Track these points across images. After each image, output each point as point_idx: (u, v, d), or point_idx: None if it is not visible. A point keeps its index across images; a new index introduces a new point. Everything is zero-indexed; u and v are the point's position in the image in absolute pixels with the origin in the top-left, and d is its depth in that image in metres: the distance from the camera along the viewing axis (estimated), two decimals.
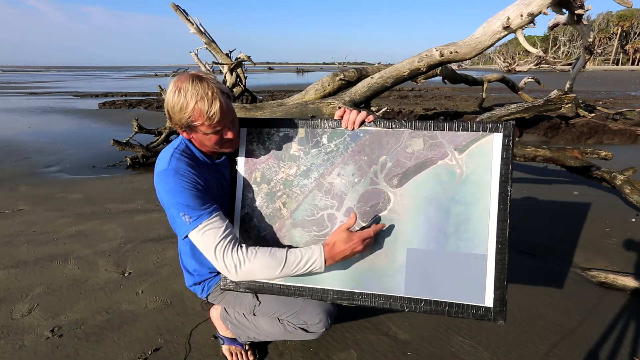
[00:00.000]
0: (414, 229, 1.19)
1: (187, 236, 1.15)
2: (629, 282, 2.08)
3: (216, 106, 1.10)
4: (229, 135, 1.18)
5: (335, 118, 1.28)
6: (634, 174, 2.94)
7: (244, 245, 1.15)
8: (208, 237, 1.13)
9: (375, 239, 1.20)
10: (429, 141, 1.20)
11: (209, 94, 1.09)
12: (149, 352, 1.65)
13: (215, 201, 1.20)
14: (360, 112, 1.25)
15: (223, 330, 1.62)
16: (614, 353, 1.64)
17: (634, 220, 3.03)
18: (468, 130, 1.18)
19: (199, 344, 1.71)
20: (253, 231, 1.30)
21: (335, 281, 1.24)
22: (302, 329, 1.38)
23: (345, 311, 1.81)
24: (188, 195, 1.14)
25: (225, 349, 1.62)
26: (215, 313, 1.66)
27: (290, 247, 1.22)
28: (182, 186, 1.15)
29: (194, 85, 1.09)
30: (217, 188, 1.29)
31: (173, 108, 1.12)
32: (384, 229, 1.21)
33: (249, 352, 1.61)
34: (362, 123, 1.25)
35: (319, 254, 1.15)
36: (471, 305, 1.16)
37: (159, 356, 1.64)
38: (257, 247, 1.16)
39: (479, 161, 1.16)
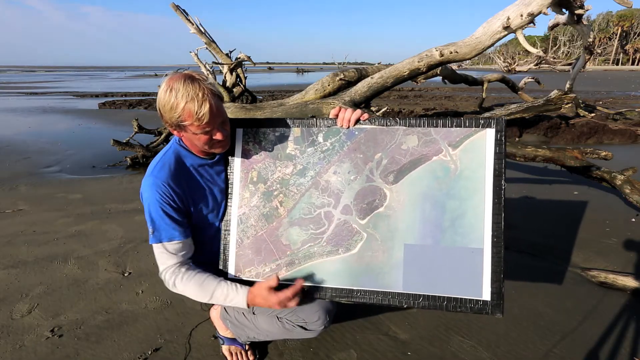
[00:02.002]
0: (411, 225, 1.20)
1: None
2: (629, 282, 2.08)
3: (206, 107, 1.10)
4: (219, 136, 1.19)
5: (330, 117, 1.28)
6: (634, 174, 2.94)
7: (182, 272, 1.24)
8: (160, 257, 1.26)
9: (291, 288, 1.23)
10: (423, 137, 1.21)
11: (200, 95, 1.10)
12: (149, 352, 1.65)
13: (189, 219, 1.29)
14: (355, 110, 1.26)
15: (223, 330, 1.62)
16: (614, 353, 1.64)
17: (634, 220, 3.02)
18: (461, 127, 1.19)
19: (199, 344, 1.71)
20: (250, 231, 1.31)
21: (334, 279, 1.24)
22: (301, 327, 1.38)
23: (345, 311, 1.81)
24: (159, 210, 1.21)
25: (225, 349, 1.63)
26: (215, 313, 1.66)
27: (225, 278, 1.29)
28: (156, 198, 1.21)
29: (186, 85, 1.10)
30: (206, 193, 1.30)
31: (164, 107, 1.13)
32: (381, 226, 1.21)
33: (249, 352, 1.61)
34: (357, 121, 1.25)
35: (242, 300, 1.23)
36: (469, 299, 1.17)
37: (159, 356, 1.64)
38: (195, 274, 1.25)
39: (472, 156, 1.17)
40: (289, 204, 1.29)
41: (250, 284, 1.27)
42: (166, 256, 1.24)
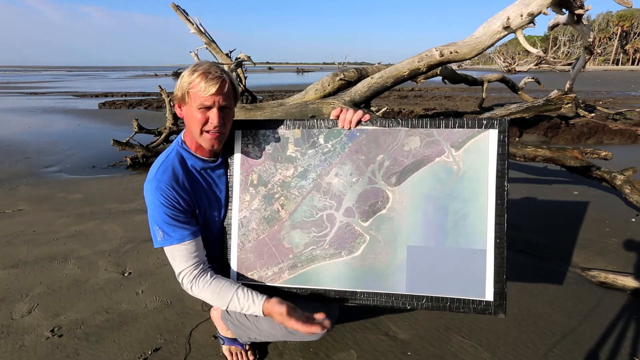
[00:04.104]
0: (414, 227, 1.20)
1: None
2: (629, 282, 2.08)
3: (217, 82, 1.14)
4: (214, 119, 1.17)
5: (331, 118, 1.27)
6: (634, 174, 2.94)
7: (201, 276, 1.23)
8: (173, 260, 1.24)
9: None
10: (426, 139, 1.21)
11: (218, 72, 1.15)
12: (149, 352, 1.65)
13: (196, 219, 1.27)
14: (356, 111, 1.25)
15: (223, 331, 1.62)
16: (614, 353, 1.64)
17: (634, 220, 3.03)
18: (464, 127, 1.19)
19: (199, 344, 1.71)
20: (252, 234, 1.30)
21: (337, 281, 1.24)
22: None
23: (345, 311, 1.81)
24: (164, 212, 1.19)
25: (225, 349, 1.63)
26: (215, 313, 1.66)
27: (244, 284, 1.26)
28: (161, 202, 1.19)
29: (211, 65, 1.17)
30: (208, 197, 1.30)
31: (182, 78, 1.17)
32: (384, 228, 1.21)
33: (249, 352, 1.61)
34: (359, 122, 1.25)
35: (258, 311, 1.20)
36: (472, 299, 1.17)
37: (159, 356, 1.64)
38: (211, 281, 1.23)
39: (475, 157, 1.17)
40: (290, 206, 1.28)
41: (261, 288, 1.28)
42: (179, 258, 1.22)
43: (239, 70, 6.88)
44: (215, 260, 1.39)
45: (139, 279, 2.25)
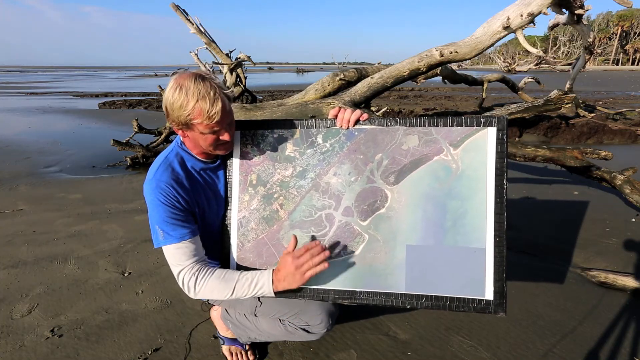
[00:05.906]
0: (412, 226, 1.20)
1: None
2: (629, 282, 2.08)
3: (218, 106, 1.09)
4: (225, 137, 1.17)
5: (329, 117, 1.27)
6: (634, 174, 2.94)
7: (202, 269, 1.21)
8: (173, 259, 1.21)
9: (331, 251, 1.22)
10: (424, 137, 1.21)
11: (211, 93, 1.09)
12: (149, 352, 1.65)
13: (195, 219, 1.26)
14: (354, 110, 1.25)
15: (223, 331, 1.62)
16: (614, 353, 1.64)
17: (634, 220, 3.03)
18: (462, 126, 1.18)
19: (199, 344, 1.71)
20: (251, 234, 1.30)
21: (336, 281, 1.24)
22: (304, 329, 1.37)
23: (345, 311, 1.81)
24: (164, 211, 1.18)
25: (225, 349, 1.63)
26: (215, 313, 1.66)
27: (247, 268, 1.26)
28: (160, 200, 1.18)
29: (196, 83, 1.09)
30: (207, 197, 1.29)
31: (172, 105, 1.11)
32: (383, 227, 1.21)
33: (249, 352, 1.61)
34: (357, 121, 1.24)
35: (267, 278, 1.17)
36: (472, 298, 1.17)
37: (159, 356, 1.64)
38: (214, 271, 1.21)
39: (474, 156, 1.17)
40: (289, 206, 1.28)
41: None
42: (179, 257, 1.20)
43: (239, 70, 6.88)
44: (214, 260, 1.39)
45: (139, 279, 2.25)
